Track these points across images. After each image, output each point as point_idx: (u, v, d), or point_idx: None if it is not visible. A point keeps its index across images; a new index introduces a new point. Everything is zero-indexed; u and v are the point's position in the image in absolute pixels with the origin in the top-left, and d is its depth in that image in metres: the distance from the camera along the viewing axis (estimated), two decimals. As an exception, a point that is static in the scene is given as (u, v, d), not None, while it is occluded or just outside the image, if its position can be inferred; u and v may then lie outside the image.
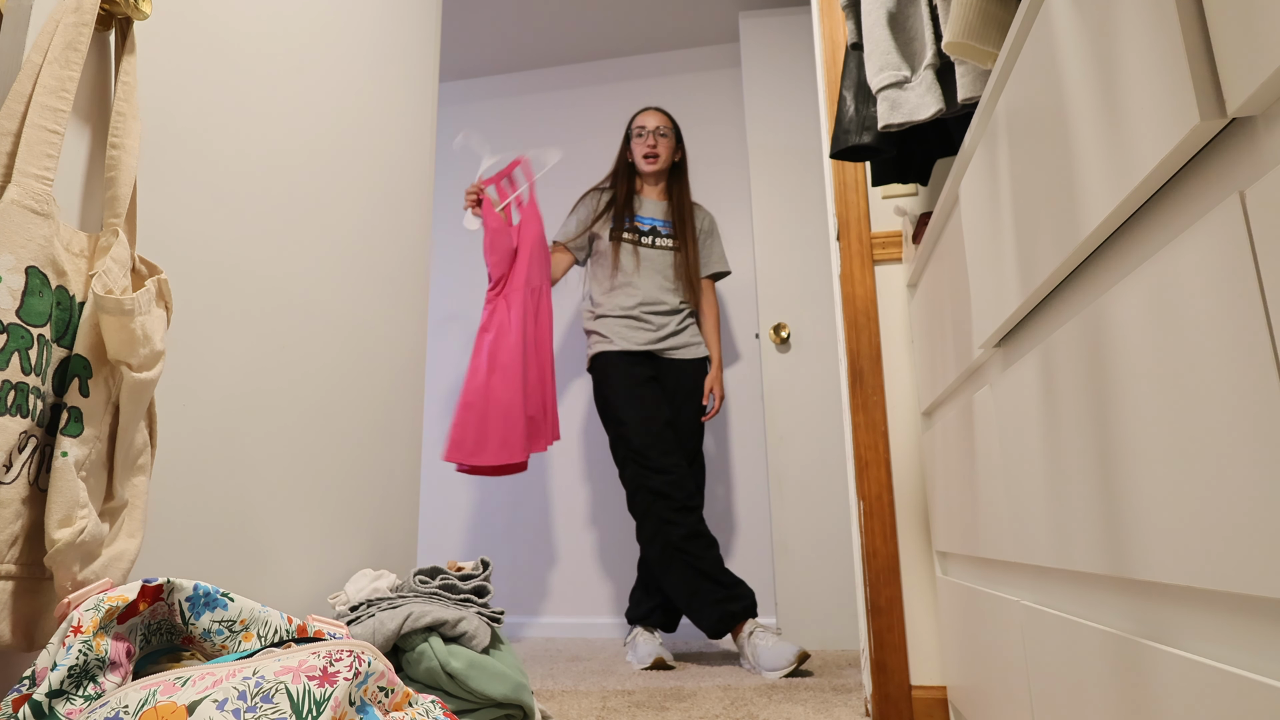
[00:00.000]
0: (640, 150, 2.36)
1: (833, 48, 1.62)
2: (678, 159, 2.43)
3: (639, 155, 2.37)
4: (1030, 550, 0.73)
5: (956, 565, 1.20)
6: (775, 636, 1.91)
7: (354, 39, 1.33)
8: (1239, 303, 0.37)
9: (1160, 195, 0.48)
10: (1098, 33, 0.51)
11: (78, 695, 0.54)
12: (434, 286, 3.16)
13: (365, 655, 0.59)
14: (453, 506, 2.94)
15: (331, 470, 1.19)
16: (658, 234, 2.34)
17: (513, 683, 1.00)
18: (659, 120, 2.38)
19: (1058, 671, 0.66)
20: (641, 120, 2.39)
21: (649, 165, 2.35)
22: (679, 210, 2.37)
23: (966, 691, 1.08)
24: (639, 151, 2.37)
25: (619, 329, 2.26)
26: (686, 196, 2.40)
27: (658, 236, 2.34)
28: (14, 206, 0.62)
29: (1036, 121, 0.64)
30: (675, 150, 2.41)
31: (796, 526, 2.34)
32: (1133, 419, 0.49)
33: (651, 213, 2.38)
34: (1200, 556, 0.42)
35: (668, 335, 2.27)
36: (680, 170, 2.43)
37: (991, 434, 0.86)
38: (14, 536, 0.61)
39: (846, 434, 1.51)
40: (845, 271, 1.53)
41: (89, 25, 0.70)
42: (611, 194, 2.39)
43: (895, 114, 1.07)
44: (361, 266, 1.32)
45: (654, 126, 2.36)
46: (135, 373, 0.68)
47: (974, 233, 0.88)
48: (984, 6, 0.80)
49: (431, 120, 1.63)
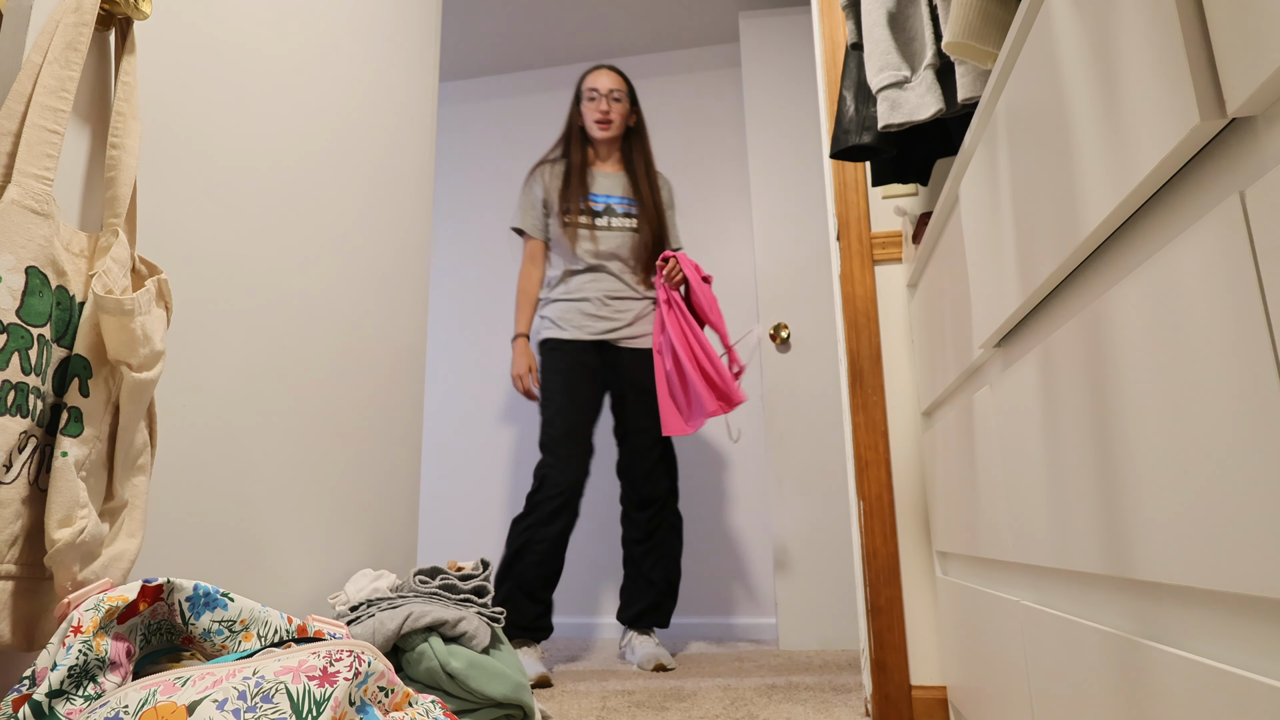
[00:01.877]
0: (592, 115, 2.17)
1: (833, 48, 1.62)
2: (632, 123, 2.24)
3: (590, 120, 2.17)
4: (1030, 550, 0.73)
5: (956, 565, 1.20)
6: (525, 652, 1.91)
7: (354, 39, 1.33)
8: (1239, 303, 0.37)
9: (1160, 195, 0.48)
10: (1098, 33, 0.51)
11: (78, 695, 0.54)
12: (433, 286, 3.16)
13: (365, 655, 0.59)
14: (453, 506, 2.95)
15: (331, 470, 1.19)
16: (613, 213, 2.16)
17: (513, 682, 1.00)
18: (613, 82, 2.17)
19: (1058, 671, 0.66)
20: (593, 80, 2.18)
21: (601, 131, 2.16)
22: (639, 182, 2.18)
23: (966, 691, 1.08)
24: (590, 116, 2.17)
25: (572, 316, 2.12)
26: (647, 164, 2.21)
27: (613, 216, 2.16)
28: (14, 206, 0.62)
29: (1036, 121, 0.64)
30: (630, 114, 2.22)
31: (796, 526, 2.34)
32: (1132, 419, 0.49)
33: (607, 189, 2.20)
34: (1200, 556, 0.42)
35: (624, 325, 2.13)
36: (638, 135, 2.24)
37: (991, 434, 0.86)
38: (14, 536, 0.61)
39: (846, 434, 1.51)
40: (845, 271, 1.53)
41: (89, 25, 0.70)
42: (565, 165, 2.19)
43: (895, 114, 1.07)
44: (361, 266, 1.32)
45: (607, 90, 2.16)
46: (135, 373, 0.68)
47: (974, 233, 0.88)
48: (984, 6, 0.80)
49: (431, 120, 1.63)
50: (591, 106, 2.18)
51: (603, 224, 2.15)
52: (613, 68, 2.21)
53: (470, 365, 3.05)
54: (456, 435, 3.00)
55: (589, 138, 2.21)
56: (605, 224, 2.15)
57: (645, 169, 2.21)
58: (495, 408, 3.00)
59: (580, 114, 2.22)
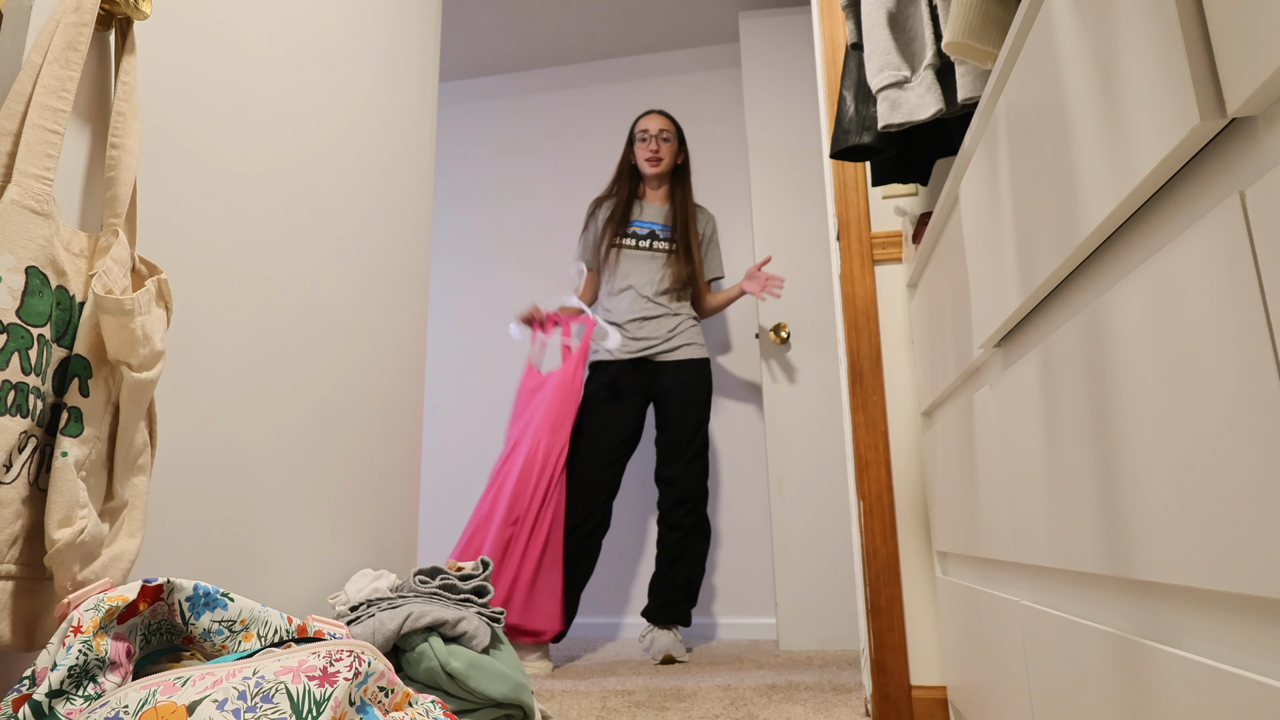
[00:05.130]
0: (643, 154, 2.42)
1: (833, 48, 1.62)
2: (680, 161, 2.47)
3: (642, 159, 2.42)
4: (1030, 550, 0.73)
5: (956, 565, 1.20)
6: None
7: (354, 39, 1.33)
8: (1239, 303, 0.37)
9: (1160, 195, 0.48)
10: (1098, 33, 0.51)
11: (78, 695, 0.54)
12: (433, 286, 3.16)
13: (365, 655, 0.59)
14: (453, 506, 2.94)
15: (331, 470, 1.19)
16: (655, 237, 2.39)
17: (513, 683, 1.00)
18: (662, 124, 2.43)
19: (1058, 671, 0.66)
20: (645, 124, 2.44)
21: (652, 168, 2.40)
22: (680, 214, 2.40)
23: (966, 691, 1.08)
24: (642, 155, 2.42)
25: None
26: (689, 199, 2.44)
27: (655, 240, 2.38)
28: (14, 206, 0.62)
29: (1036, 121, 0.64)
30: (678, 153, 2.46)
31: (796, 526, 2.34)
32: (1133, 419, 0.49)
33: (652, 216, 2.43)
34: (1200, 556, 0.42)
35: (661, 340, 2.31)
36: (683, 173, 2.47)
37: (991, 434, 0.86)
38: (14, 536, 0.61)
39: (846, 434, 1.51)
40: (845, 271, 1.53)
41: (89, 25, 0.70)
42: (614, 200, 2.44)
43: (895, 114, 1.07)
44: (361, 266, 1.32)
45: (657, 130, 2.41)
46: (135, 373, 0.68)
47: (974, 233, 0.88)
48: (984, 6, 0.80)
49: (431, 120, 1.63)
50: (643, 147, 2.43)
51: (645, 246, 2.38)
52: (663, 112, 2.46)
53: (471, 365, 3.05)
54: (457, 435, 2.99)
55: (640, 174, 2.46)
56: (648, 246, 2.38)
57: (684, 203, 2.43)
58: (495, 408, 3.00)
59: (633, 153, 2.47)
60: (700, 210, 2.48)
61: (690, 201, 2.44)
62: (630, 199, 2.43)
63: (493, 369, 3.03)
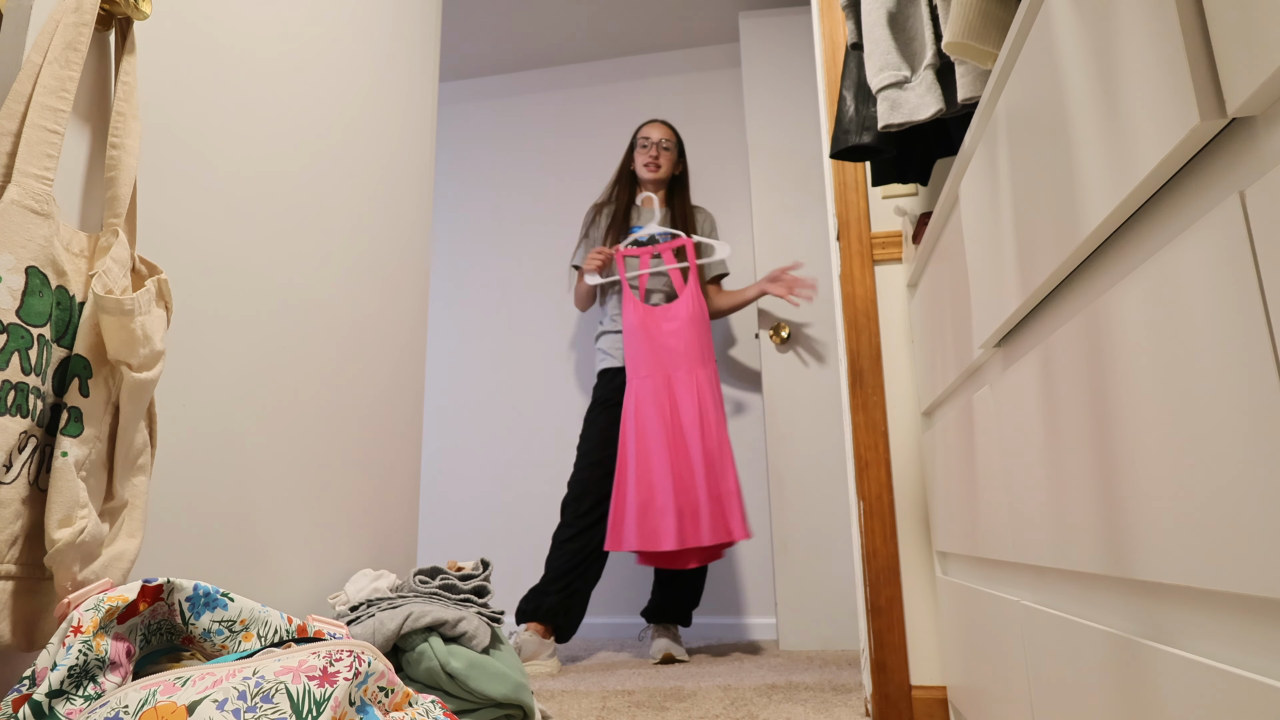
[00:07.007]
0: (642, 159, 2.44)
1: (833, 48, 1.62)
2: (678, 172, 2.49)
3: (640, 164, 2.44)
4: (1030, 550, 0.73)
5: (956, 565, 1.20)
6: None
7: (354, 39, 1.33)
8: (1239, 303, 0.37)
9: (1160, 195, 0.48)
10: (1098, 33, 0.51)
11: (78, 695, 0.54)
12: (433, 286, 3.16)
13: (365, 655, 0.59)
14: (453, 506, 2.94)
15: (331, 470, 1.19)
16: (655, 242, 2.40)
17: (513, 683, 1.00)
18: (664, 134, 2.45)
19: (1058, 671, 0.66)
20: (647, 131, 2.46)
21: (650, 173, 2.43)
22: (680, 221, 2.43)
23: (966, 691, 1.08)
24: (640, 160, 2.44)
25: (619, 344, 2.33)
26: (688, 205, 2.46)
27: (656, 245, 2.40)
28: (14, 206, 0.62)
29: (1036, 121, 0.64)
30: (676, 163, 2.47)
31: (796, 526, 2.34)
32: (1133, 419, 0.49)
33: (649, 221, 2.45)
34: (1200, 556, 0.42)
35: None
36: (681, 184, 2.49)
37: (991, 434, 0.86)
38: (14, 536, 0.61)
39: (846, 434, 1.51)
40: (845, 271, 1.53)
41: (89, 25, 0.70)
42: (613, 206, 2.46)
43: (895, 114, 1.07)
44: (361, 266, 1.32)
45: (658, 139, 2.43)
46: (135, 373, 0.68)
47: (974, 233, 0.88)
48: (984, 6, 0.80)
49: (431, 120, 1.63)
50: (643, 153, 2.44)
51: None
52: (667, 123, 2.49)
53: (470, 365, 3.05)
54: (456, 435, 2.99)
55: (638, 180, 2.48)
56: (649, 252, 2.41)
57: (683, 208, 2.46)
58: (496, 407, 3.00)
59: (633, 159, 2.48)
60: (699, 210, 2.50)
61: (689, 206, 2.46)
62: (630, 205, 2.45)
63: (493, 369, 3.03)
